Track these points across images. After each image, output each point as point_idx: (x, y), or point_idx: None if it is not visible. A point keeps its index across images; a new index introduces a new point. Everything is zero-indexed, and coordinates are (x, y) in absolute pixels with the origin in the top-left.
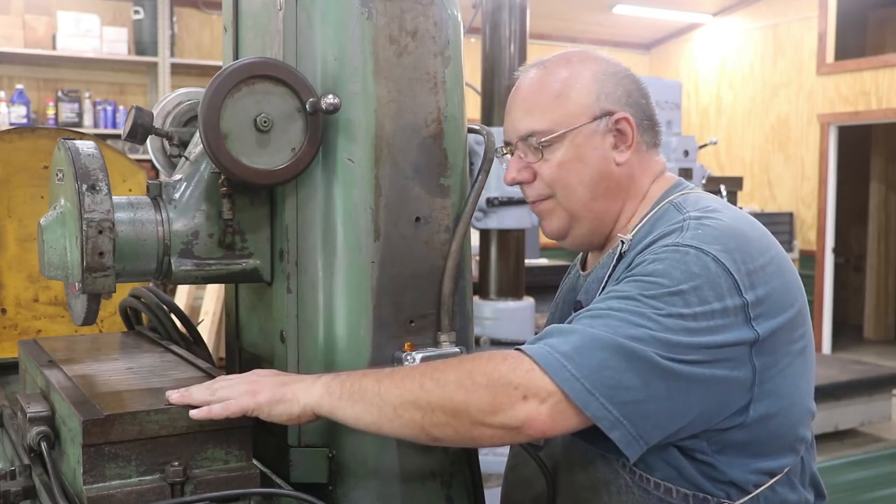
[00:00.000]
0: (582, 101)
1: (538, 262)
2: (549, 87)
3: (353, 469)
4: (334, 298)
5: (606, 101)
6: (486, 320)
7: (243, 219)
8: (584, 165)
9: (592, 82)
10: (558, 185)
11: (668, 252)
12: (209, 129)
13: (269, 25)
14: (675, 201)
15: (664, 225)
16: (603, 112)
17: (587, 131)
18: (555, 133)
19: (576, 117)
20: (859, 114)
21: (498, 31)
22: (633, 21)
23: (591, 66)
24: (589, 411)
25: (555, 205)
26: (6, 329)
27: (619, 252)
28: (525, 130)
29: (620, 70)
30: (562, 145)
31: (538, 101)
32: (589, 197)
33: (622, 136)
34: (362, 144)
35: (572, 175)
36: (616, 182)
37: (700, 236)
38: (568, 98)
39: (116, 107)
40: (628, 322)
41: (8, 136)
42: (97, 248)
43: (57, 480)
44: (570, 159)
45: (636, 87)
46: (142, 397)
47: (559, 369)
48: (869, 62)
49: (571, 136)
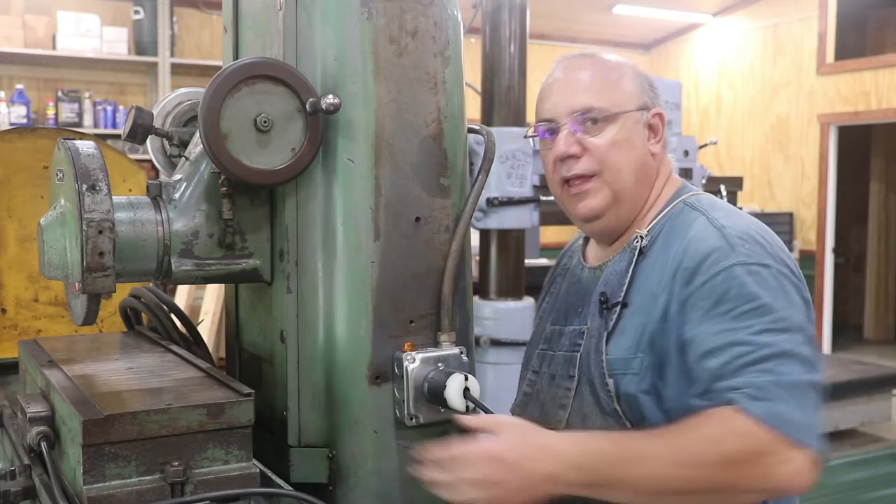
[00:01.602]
0: (631, 89)
1: (538, 262)
2: (604, 70)
3: (353, 469)
4: (334, 298)
5: (645, 96)
6: (486, 320)
7: (243, 219)
8: (632, 149)
9: (633, 77)
10: (608, 163)
11: (745, 276)
12: (209, 129)
13: (269, 25)
14: (687, 200)
15: (684, 224)
16: (644, 105)
17: (634, 118)
18: (611, 112)
19: (627, 102)
20: (859, 114)
21: (498, 31)
22: (633, 21)
23: (629, 66)
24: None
25: (600, 184)
26: (6, 329)
27: (640, 247)
28: (581, 106)
29: (645, 72)
30: (615, 125)
31: (595, 81)
32: (633, 180)
33: (654, 130)
34: (362, 144)
35: (622, 155)
36: (650, 172)
37: (759, 254)
38: (620, 83)
39: (116, 107)
40: (794, 357)
41: (8, 136)
42: (97, 248)
43: (57, 480)
44: (621, 140)
45: (655, 91)
46: (142, 397)
47: (803, 434)
48: (869, 62)
49: (623, 119)
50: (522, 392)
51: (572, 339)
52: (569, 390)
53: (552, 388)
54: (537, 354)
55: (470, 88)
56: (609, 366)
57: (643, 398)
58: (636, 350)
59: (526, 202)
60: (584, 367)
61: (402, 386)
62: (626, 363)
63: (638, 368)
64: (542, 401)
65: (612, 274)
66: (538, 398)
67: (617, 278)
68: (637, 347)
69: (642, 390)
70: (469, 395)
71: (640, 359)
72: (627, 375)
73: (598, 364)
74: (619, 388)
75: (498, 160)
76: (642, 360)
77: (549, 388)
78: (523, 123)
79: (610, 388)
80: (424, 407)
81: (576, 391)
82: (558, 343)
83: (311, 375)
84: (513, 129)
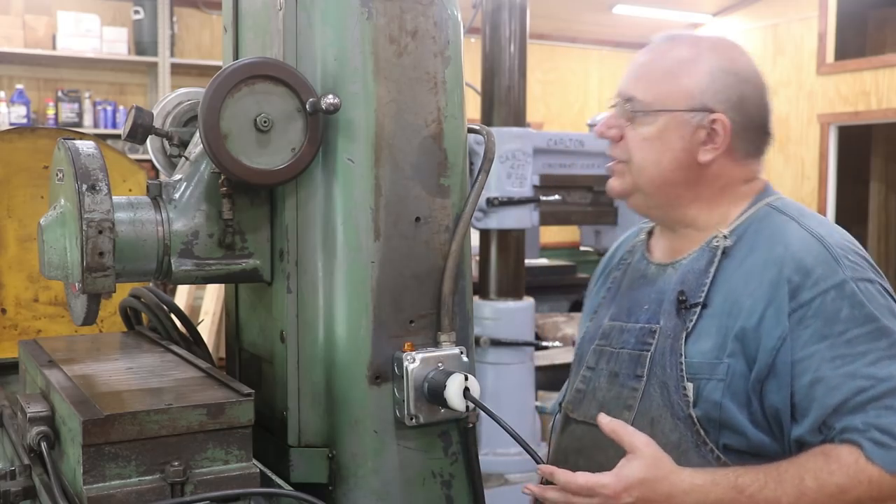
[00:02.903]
0: (688, 88)
1: (538, 262)
2: (665, 61)
3: (353, 469)
4: (334, 298)
5: (711, 98)
6: (486, 320)
7: (243, 219)
8: (665, 150)
9: (706, 74)
10: (635, 156)
11: (856, 294)
12: (209, 129)
13: (269, 25)
14: (773, 204)
15: (772, 229)
16: (702, 107)
17: (680, 118)
18: (650, 108)
19: (676, 101)
20: (859, 114)
21: (498, 31)
22: (633, 21)
23: (715, 60)
24: None
25: (626, 170)
26: (6, 329)
27: (724, 247)
28: (627, 93)
29: (747, 73)
30: (653, 122)
31: (649, 72)
32: (660, 180)
33: (713, 136)
34: (362, 144)
35: (651, 153)
36: (695, 175)
37: (864, 268)
38: (676, 79)
39: (116, 107)
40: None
41: (8, 136)
42: (97, 248)
43: (57, 480)
44: (654, 138)
45: (756, 94)
46: (142, 397)
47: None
48: (869, 62)
49: (665, 118)
50: (575, 388)
51: (640, 338)
52: (635, 391)
53: (614, 386)
54: (593, 350)
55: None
56: (689, 368)
57: (729, 405)
58: (721, 355)
59: (526, 202)
60: (655, 367)
61: (402, 386)
62: (710, 368)
63: (724, 374)
64: (600, 399)
65: (690, 273)
66: (595, 396)
67: (695, 277)
68: (722, 352)
69: (729, 397)
70: (469, 395)
71: (726, 364)
72: (712, 381)
73: (675, 365)
74: (700, 393)
75: (498, 160)
76: (730, 366)
77: (611, 387)
78: (523, 123)
79: (688, 391)
80: (424, 407)
81: (644, 392)
82: (619, 339)
83: (311, 375)
84: (513, 129)
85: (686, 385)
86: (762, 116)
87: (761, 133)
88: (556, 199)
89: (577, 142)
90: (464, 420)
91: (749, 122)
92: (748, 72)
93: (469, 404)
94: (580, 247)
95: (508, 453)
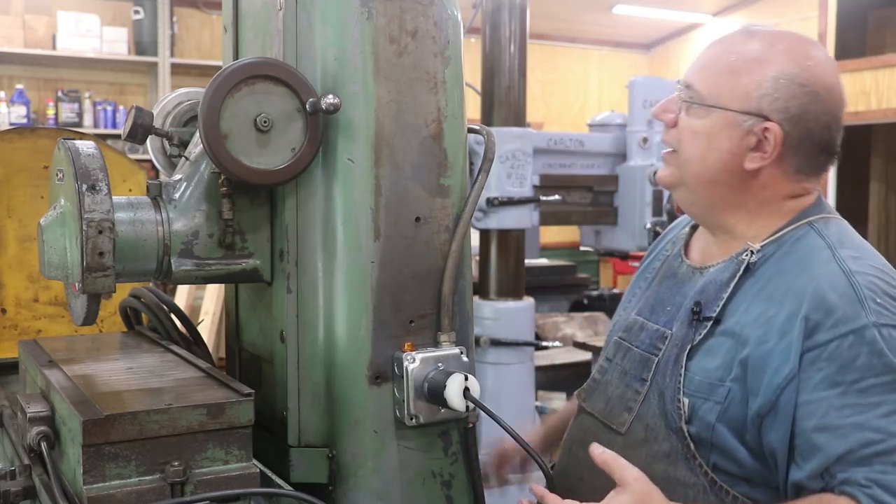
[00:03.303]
0: (746, 89)
1: (538, 262)
2: (732, 56)
3: (353, 469)
4: (334, 298)
5: (768, 105)
6: (486, 320)
7: (243, 219)
8: (711, 148)
9: (770, 80)
10: (681, 147)
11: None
12: (209, 129)
13: (269, 25)
14: (815, 225)
15: (806, 253)
16: (757, 111)
17: (730, 119)
18: (704, 101)
19: (730, 100)
20: (859, 114)
21: (498, 31)
22: (633, 21)
23: (785, 65)
24: None
25: (674, 159)
26: (6, 329)
27: (748, 263)
28: (688, 80)
29: (818, 86)
30: (705, 116)
31: (714, 63)
32: (704, 177)
33: (763, 144)
34: (362, 144)
35: (697, 148)
36: (740, 182)
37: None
38: (737, 78)
39: (116, 107)
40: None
41: (8, 136)
42: (97, 248)
43: (57, 480)
44: (703, 133)
45: (822, 110)
46: (142, 397)
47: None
48: (869, 62)
49: (717, 115)
50: (592, 377)
51: (653, 340)
52: (638, 394)
53: (621, 385)
54: (615, 342)
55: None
56: (688, 384)
57: (722, 430)
58: (725, 377)
59: (526, 202)
60: (658, 374)
61: (402, 386)
62: (710, 388)
63: (722, 398)
64: (608, 395)
65: (711, 283)
66: (605, 391)
67: (715, 290)
68: (726, 374)
69: (724, 423)
70: (469, 395)
71: (727, 388)
72: (709, 402)
73: (675, 377)
74: (695, 412)
75: (498, 160)
76: (731, 390)
77: (619, 385)
78: (523, 123)
79: (682, 407)
80: (424, 407)
81: (645, 397)
82: (638, 337)
83: (311, 375)
84: (513, 129)
85: (681, 399)
86: (825, 135)
87: (820, 152)
88: (556, 199)
89: (577, 142)
90: (464, 420)
91: (806, 137)
92: (821, 84)
93: (469, 404)
94: (580, 247)
95: None
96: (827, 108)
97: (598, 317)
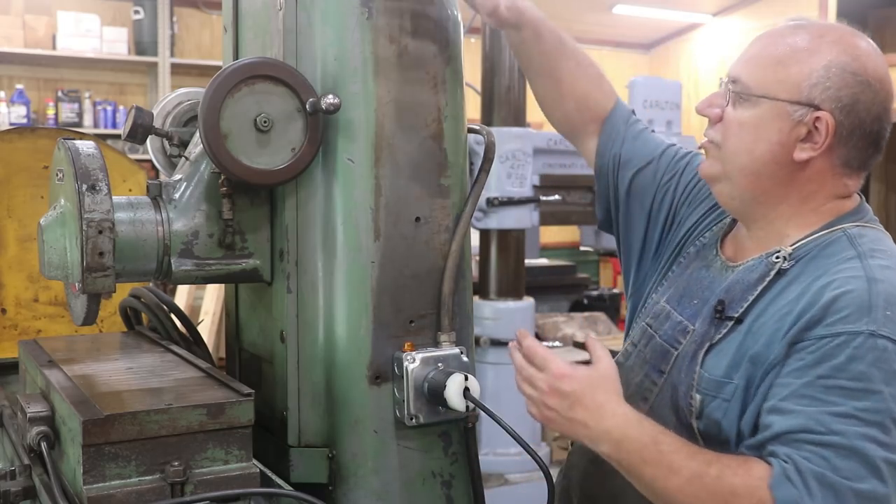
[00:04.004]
0: (796, 79)
1: (538, 262)
2: (780, 47)
3: (353, 469)
4: (334, 298)
5: (819, 94)
6: (486, 320)
7: (243, 219)
8: (758, 140)
9: (821, 69)
10: (728, 140)
11: (865, 348)
12: (209, 129)
13: (269, 25)
14: (849, 232)
15: (833, 259)
16: (808, 101)
17: (780, 109)
18: (752, 93)
19: (780, 90)
20: None
21: (498, 31)
22: (633, 21)
23: (835, 54)
24: None
25: (717, 153)
26: (6, 329)
27: (778, 268)
28: (734, 74)
29: (869, 75)
30: (753, 107)
31: (761, 55)
32: (750, 170)
33: (814, 134)
34: (362, 144)
35: (744, 141)
36: (787, 174)
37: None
38: (786, 68)
39: (116, 107)
40: (861, 457)
41: (8, 136)
42: (97, 248)
43: (57, 480)
44: (751, 125)
45: (874, 101)
46: (142, 397)
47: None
48: None
49: (766, 105)
50: (615, 360)
51: (675, 332)
52: (654, 385)
53: (640, 374)
54: (641, 328)
55: (470, 88)
56: (702, 381)
57: (727, 425)
58: (732, 374)
59: (526, 202)
60: (675, 369)
61: (402, 386)
62: (718, 386)
63: (729, 395)
64: (627, 380)
65: (738, 283)
66: (626, 377)
67: (741, 290)
68: (734, 371)
69: (729, 418)
70: (469, 395)
71: (734, 385)
72: (717, 399)
73: (690, 374)
74: (704, 409)
75: (498, 160)
76: (737, 387)
77: (639, 372)
78: (523, 123)
79: (693, 403)
80: (424, 407)
81: (660, 389)
82: (662, 326)
83: (311, 375)
84: (513, 129)
85: (694, 395)
86: (876, 125)
87: (869, 145)
88: (556, 199)
89: None
90: (464, 420)
91: (858, 128)
92: (872, 74)
93: (469, 404)
94: (580, 247)
95: (508, 453)
96: (879, 99)
97: (598, 317)
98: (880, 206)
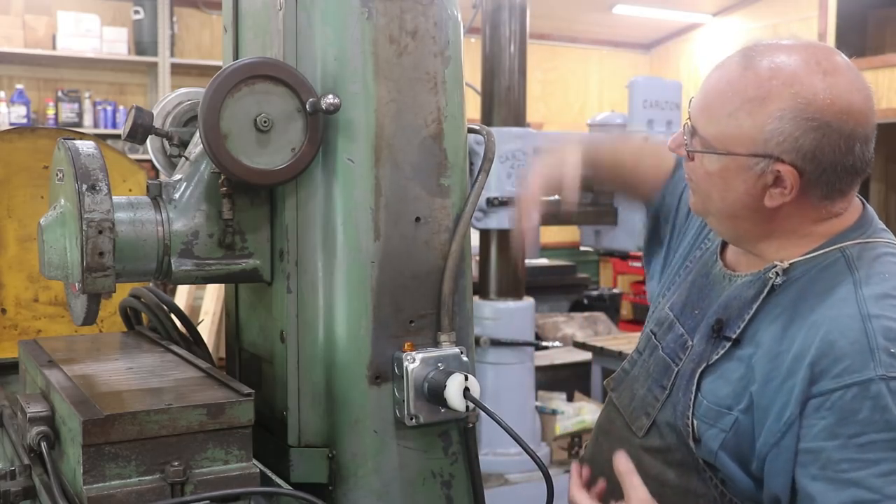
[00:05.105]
0: (749, 133)
1: (538, 262)
2: (729, 95)
3: (353, 469)
4: (334, 298)
5: (777, 146)
6: (486, 320)
7: (243, 219)
8: (728, 189)
9: (775, 120)
10: (699, 185)
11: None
12: (209, 129)
13: (269, 25)
14: (848, 253)
15: (829, 284)
16: (765, 153)
17: (741, 163)
18: (712, 148)
19: (736, 145)
20: None
21: (498, 31)
22: (633, 21)
23: (787, 102)
24: None
25: (697, 189)
26: (6, 329)
27: (772, 284)
28: (693, 121)
29: (829, 115)
30: (717, 160)
31: (714, 106)
32: (725, 214)
33: (781, 181)
34: (362, 144)
35: (714, 189)
36: (763, 216)
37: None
38: (737, 121)
39: (116, 107)
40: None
41: (8, 136)
42: (97, 248)
43: (57, 480)
44: (717, 175)
45: (839, 141)
46: (142, 397)
47: None
48: (869, 62)
49: (726, 158)
50: (622, 367)
51: (676, 346)
52: (657, 400)
53: (644, 387)
54: (646, 335)
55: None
56: (697, 406)
57: (725, 459)
58: (733, 406)
59: None
60: (675, 387)
61: (402, 386)
62: (716, 415)
63: (728, 427)
64: (633, 393)
65: (736, 299)
66: (632, 386)
67: (738, 307)
68: (736, 403)
69: (727, 452)
70: (469, 395)
71: (734, 418)
72: (714, 429)
73: (687, 395)
74: (701, 435)
75: (498, 160)
76: (737, 420)
77: (643, 385)
78: (523, 123)
79: (690, 427)
80: (424, 407)
81: (663, 405)
82: (665, 337)
83: (311, 375)
84: (513, 129)
85: (690, 419)
86: (849, 159)
87: (847, 174)
88: (556, 199)
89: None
90: (464, 420)
91: (828, 168)
92: (832, 113)
93: (469, 404)
94: (580, 247)
95: (508, 453)
96: (846, 133)
97: (598, 317)
98: (880, 206)
